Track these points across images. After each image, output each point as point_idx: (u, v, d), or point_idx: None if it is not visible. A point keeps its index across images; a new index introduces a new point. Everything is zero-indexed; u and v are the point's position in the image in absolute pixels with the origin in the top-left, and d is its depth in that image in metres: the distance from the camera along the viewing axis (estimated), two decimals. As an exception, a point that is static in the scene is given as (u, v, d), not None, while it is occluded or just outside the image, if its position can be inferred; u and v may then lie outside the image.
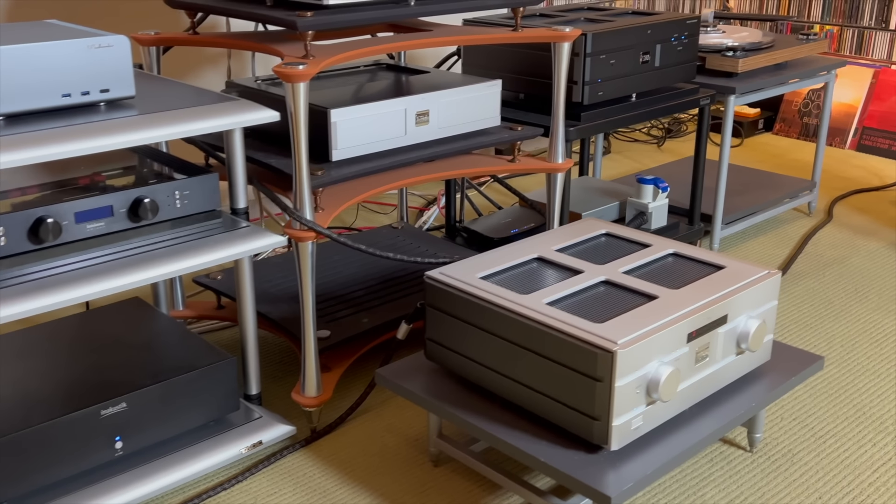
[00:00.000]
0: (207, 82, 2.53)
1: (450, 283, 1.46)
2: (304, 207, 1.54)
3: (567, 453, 1.31)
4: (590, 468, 1.28)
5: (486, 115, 1.88)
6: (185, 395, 1.53)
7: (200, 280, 2.00)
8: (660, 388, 1.29)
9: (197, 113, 1.41)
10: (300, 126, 1.49)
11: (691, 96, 2.33)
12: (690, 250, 1.59)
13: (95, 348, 1.61)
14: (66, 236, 1.34)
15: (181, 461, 1.53)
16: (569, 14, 2.31)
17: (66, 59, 1.32)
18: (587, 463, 1.29)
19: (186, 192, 1.46)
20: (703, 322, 1.37)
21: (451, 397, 1.47)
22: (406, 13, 1.67)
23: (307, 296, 1.60)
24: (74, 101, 1.34)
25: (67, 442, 1.42)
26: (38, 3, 2.19)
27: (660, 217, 2.42)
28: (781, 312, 2.22)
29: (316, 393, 1.67)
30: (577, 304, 1.39)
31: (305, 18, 1.51)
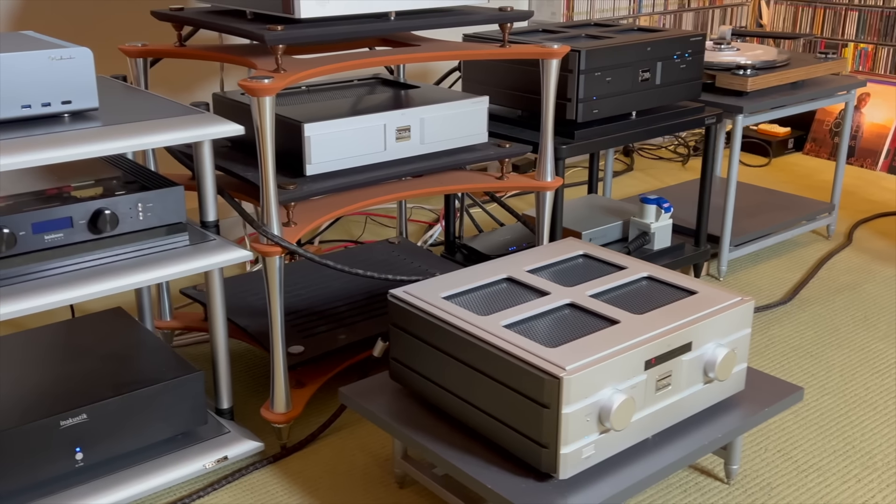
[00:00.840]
0: (202, 95, 2.55)
1: (412, 302, 1.44)
2: (272, 222, 1.53)
3: (516, 481, 1.28)
4: (535, 497, 1.24)
5: (473, 131, 1.85)
6: (148, 407, 1.53)
7: (186, 291, 2.00)
8: (611, 417, 1.25)
9: (159, 125, 1.41)
10: (266, 140, 1.49)
11: (696, 115, 2.28)
12: (665, 274, 1.54)
13: (65, 358, 1.62)
14: (22, 247, 1.35)
15: (142, 474, 1.53)
16: (571, 30, 2.27)
17: (26, 70, 1.33)
18: (534, 491, 1.25)
19: (150, 204, 1.46)
20: (662, 349, 1.32)
21: (410, 419, 1.44)
22: (385, 28, 1.65)
23: (275, 311, 1.59)
24: (35, 113, 1.35)
25: (25, 451, 1.42)
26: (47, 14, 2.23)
27: (663, 238, 2.36)
28: (783, 339, 2.15)
29: (285, 409, 1.66)
30: (534, 327, 1.36)
31: (275, 32, 1.51)
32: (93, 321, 1.78)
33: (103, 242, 1.43)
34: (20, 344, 1.68)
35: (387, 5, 1.64)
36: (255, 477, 1.61)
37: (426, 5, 1.69)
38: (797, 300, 2.37)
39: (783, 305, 2.34)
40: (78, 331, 1.73)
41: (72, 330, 1.74)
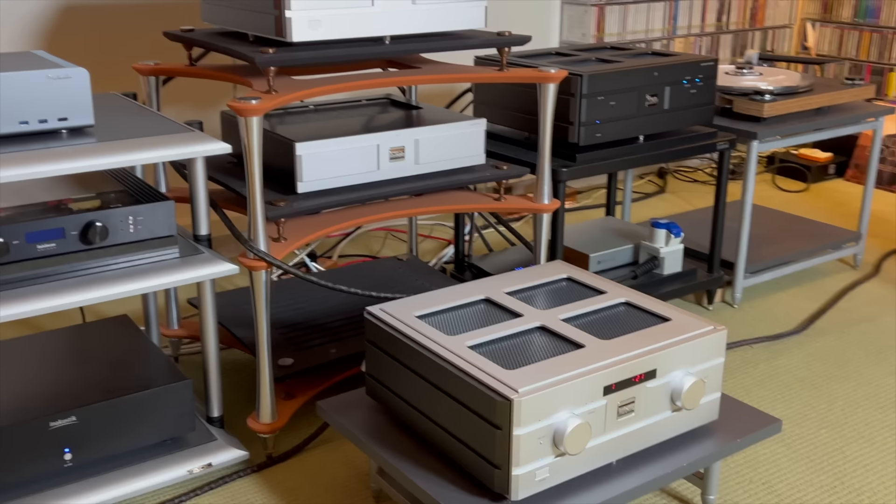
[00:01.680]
0: (216, 112, 2.62)
1: (385, 319, 1.47)
2: (258, 237, 1.58)
3: (471, 500, 1.30)
4: (487, 517, 1.26)
5: (469, 153, 1.88)
6: (137, 412, 1.59)
7: (194, 301, 2.07)
8: (565, 441, 1.26)
9: (149, 142, 1.48)
10: (253, 158, 1.54)
11: (707, 140, 2.27)
12: (644, 300, 1.54)
13: (64, 361, 1.69)
14: (15, 255, 1.42)
15: (128, 476, 1.58)
16: (584, 53, 2.29)
17: (23, 88, 1.40)
18: (486, 512, 1.27)
19: (140, 217, 1.52)
20: (623, 375, 1.33)
21: (379, 434, 1.47)
22: (380, 52, 1.70)
23: (261, 324, 1.64)
24: (32, 129, 1.43)
25: (16, 449, 1.49)
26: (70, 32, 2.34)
27: (673, 262, 2.35)
28: (789, 369, 2.12)
29: (270, 420, 1.70)
30: (499, 349, 1.38)
31: (266, 55, 1.56)
32: (97, 328, 1.85)
33: (95, 253, 1.50)
34: (24, 347, 1.76)
35: (380, 30, 1.68)
36: (238, 485, 1.66)
37: (420, 30, 1.72)
38: (811, 330, 2.33)
39: (795, 335, 2.30)
40: (81, 336, 1.81)
41: (75, 335, 1.81)
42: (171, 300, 2.06)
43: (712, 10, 3.69)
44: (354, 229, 2.88)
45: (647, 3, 3.45)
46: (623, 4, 3.37)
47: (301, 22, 1.58)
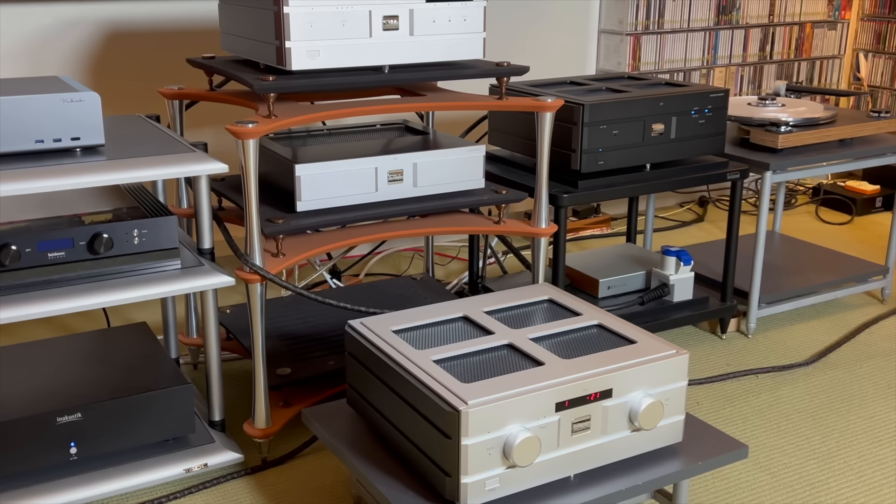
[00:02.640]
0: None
1: (363, 332, 1.55)
2: (254, 252, 1.69)
3: (425, 506, 1.36)
4: (436, 522, 1.32)
5: (468, 177, 1.95)
6: (139, 413, 1.70)
7: (212, 312, 2.18)
8: (513, 453, 1.32)
9: (153, 161, 1.60)
10: (250, 179, 1.65)
11: (717, 170, 2.29)
12: (616, 323, 1.59)
13: (78, 362, 1.82)
14: (26, 262, 1.55)
15: (128, 472, 1.70)
16: (597, 83, 2.34)
17: (40, 110, 1.54)
18: (436, 517, 1.33)
19: (144, 230, 1.64)
20: (576, 393, 1.38)
21: (352, 441, 1.55)
22: (378, 81, 1.79)
23: (257, 333, 1.74)
24: (47, 147, 1.57)
25: (25, 441, 1.62)
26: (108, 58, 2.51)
27: (684, 290, 2.38)
28: (790, 401, 2.12)
29: (265, 426, 1.80)
30: (462, 363, 1.45)
31: (266, 82, 1.67)
32: (116, 333, 1.98)
33: (101, 262, 1.62)
34: (47, 348, 1.90)
35: (378, 59, 1.78)
36: (231, 485, 1.76)
37: (418, 60, 1.81)
38: (822, 363, 2.32)
39: (803, 367, 2.30)
40: (100, 340, 1.94)
41: (95, 339, 1.94)
42: (190, 310, 2.18)
43: (755, 40, 3.70)
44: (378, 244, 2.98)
45: (685, 33, 3.48)
46: (659, 34, 3.41)
47: (300, 52, 1.69)
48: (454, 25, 1.83)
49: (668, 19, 3.42)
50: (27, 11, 2.37)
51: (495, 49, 3.14)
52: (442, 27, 1.82)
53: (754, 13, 3.65)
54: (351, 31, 1.73)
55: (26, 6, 2.36)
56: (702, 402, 2.12)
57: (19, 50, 2.38)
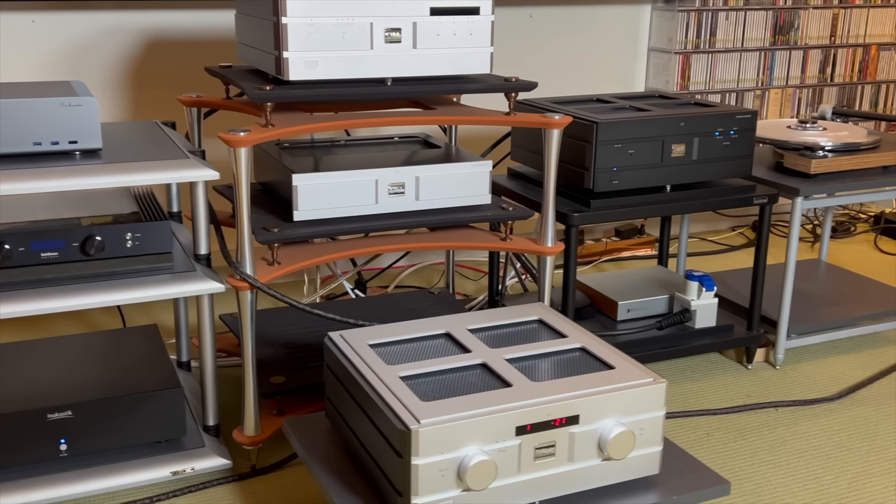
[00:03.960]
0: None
1: (339, 345, 1.54)
2: (244, 260, 1.70)
3: (380, 524, 1.34)
4: (385, 541, 1.30)
5: (474, 192, 1.93)
6: (128, 413, 1.73)
7: (223, 317, 2.21)
8: (466, 476, 1.29)
9: (147, 166, 1.63)
10: (241, 186, 1.66)
11: (744, 193, 2.21)
12: (599, 348, 1.54)
13: (79, 361, 1.87)
14: (18, 260, 1.60)
15: (116, 471, 1.72)
16: (625, 101, 2.29)
17: (38, 113, 1.59)
18: (387, 536, 1.31)
19: (138, 234, 1.67)
20: (540, 417, 1.34)
21: (324, 454, 1.54)
22: (379, 93, 1.79)
23: (247, 341, 1.75)
24: (44, 149, 1.61)
25: (16, 435, 1.66)
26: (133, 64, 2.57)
27: (706, 316, 2.30)
28: (806, 437, 2.02)
29: (253, 433, 1.81)
30: (429, 382, 1.42)
31: (263, 91, 1.68)
32: (125, 334, 2.02)
33: (93, 264, 1.66)
34: (52, 346, 1.95)
35: (380, 72, 1.77)
36: (216, 491, 1.77)
37: (422, 73, 1.80)
38: (849, 399, 2.21)
39: (828, 402, 2.19)
40: (106, 340, 1.98)
41: (102, 339, 1.99)
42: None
43: (814, 61, 3.57)
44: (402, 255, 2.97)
45: (738, 53, 3.38)
46: (711, 53, 3.32)
47: (298, 62, 1.70)
48: (459, 39, 1.81)
49: (721, 38, 3.33)
50: (68, 19, 2.45)
51: (541, 65, 3.11)
52: (447, 41, 1.80)
53: (814, 34, 3.52)
54: (351, 42, 1.73)
55: (67, 13, 2.45)
56: (713, 433, 2.04)
57: (60, 56, 2.46)
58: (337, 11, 1.70)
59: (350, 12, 1.71)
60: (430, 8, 1.77)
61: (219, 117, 2.61)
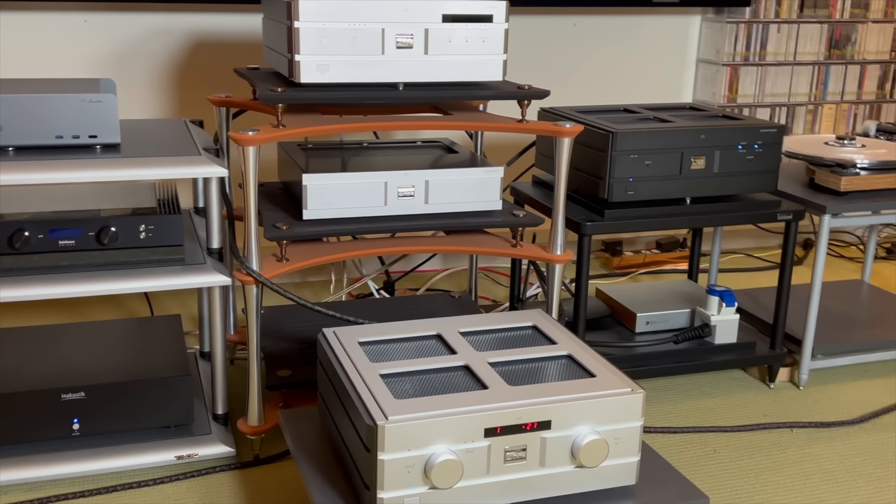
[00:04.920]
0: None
1: (329, 340, 1.59)
2: (251, 255, 1.76)
3: (350, 516, 1.38)
4: (351, 533, 1.33)
5: (484, 198, 1.95)
6: (138, 398, 1.81)
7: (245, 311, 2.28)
8: (431, 474, 1.31)
9: (159, 162, 1.70)
10: (249, 184, 1.72)
11: (768, 209, 2.18)
12: (586, 356, 1.55)
13: (99, 346, 1.95)
14: (37, 247, 1.69)
15: (123, 452, 1.80)
16: (648, 112, 2.28)
17: (61, 108, 1.68)
18: (353, 528, 1.34)
19: (151, 227, 1.75)
20: (510, 421, 1.35)
21: (312, 447, 1.58)
22: (389, 97, 1.82)
23: (252, 334, 1.81)
24: (66, 143, 1.70)
25: (32, 413, 1.75)
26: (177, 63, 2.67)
27: (727, 332, 2.27)
28: (817, 459, 1.97)
29: (257, 423, 1.86)
30: (407, 380, 1.45)
31: (274, 93, 1.74)
32: (148, 322, 2.11)
33: (107, 253, 1.74)
34: (76, 331, 2.04)
35: (391, 77, 1.81)
36: (216, 477, 1.83)
37: (433, 79, 1.83)
38: (871, 424, 2.15)
39: (847, 426, 2.14)
40: (129, 327, 2.07)
41: (125, 326, 2.08)
42: (228, 308, 2.29)
43: (872, 76, 3.47)
44: (429, 257, 2.99)
45: (790, 66, 3.31)
46: (761, 66, 3.26)
47: (309, 66, 1.75)
48: (472, 46, 1.84)
49: (772, 51, 3.27)
50: (118, 20, 2.56)
51: (584, 74, 3.11)
52: (458, 48, 1.83)
53: (872, 48, 3.42)
54: (363, 47, 1.77)
55: (118, 14, 2.56)
56: (720, 450, 2.01)
57: (108, 55, 2.57)
58: (349, 17, 1.75)
59: (362, 18, 1.75)
60: (442, 15, 1.80)
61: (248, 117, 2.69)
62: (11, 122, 1.67)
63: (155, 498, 1.75)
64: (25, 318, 2.56)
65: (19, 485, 1.76)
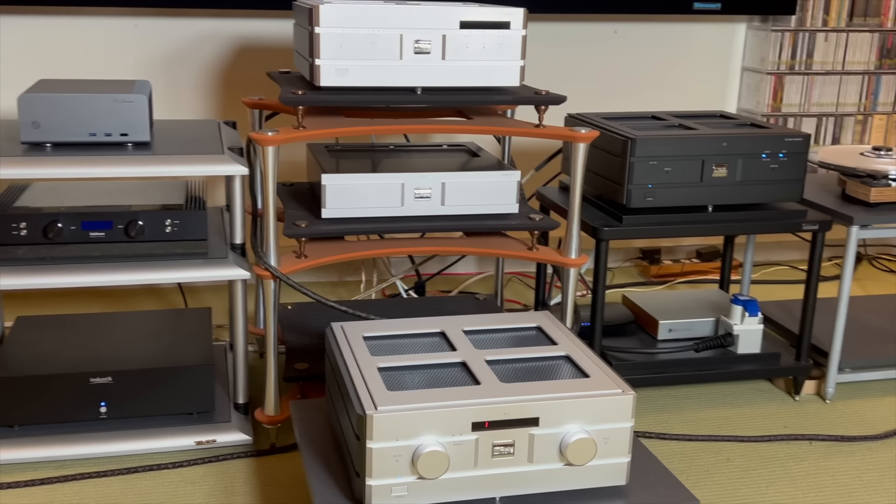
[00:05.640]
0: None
1: (336, 334, 1.64)
2: (269, 251, 1.83)
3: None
4: (341, 518, 1.38)
5: (501, 201, 1.99)
6: (161, 384, 1.89)
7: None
8: (418, 463, 1.35)
9: (184, 160, 1.79)
10: (268, 182, 1.79)
11: (793, 219, 2.16)
12: (583, 358, 1.57)
13: (129, 335, 2.05)
14: (69, 237, 1.79)
15: (146, 436, 1.89)
16: (675, 119, 2.29)
17: (94, 108, 1.78)
18: (343, 514, 1.40)
19: (177, 221, 1.83)
20: (497, 416, 1.39)
21: (317, 437, 1.64)
22: (407, 101, 1.88)
23: (269, 326, 1.88)
24: (99, 140, 1.80)
25: (63, 395, 1.85)
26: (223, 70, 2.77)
27: (750, 342, 2.26)
28: (832, 473, 1.95)
29: (273, 413, 1.93)
30: (403, 374, 1.49)
31: (294, 96, 1.81)
32: (181, 314, 2.20)
33: (135, 246, 1.83)
34: (111, 320, 2.15)
35: (409, 81, 1.86)
36: (233, 464, 1.90)
37: (451, 84, 1.88)
38: (895, 441, 2.11)
39: (869, 441, 2.10)
40: (162, 318, 2.16)
41: (157, 317, 2.17)
42: (259, 303, 2.37)
43: (926, 87, 3.39)
44: (458, 258, 3.03)
45: (838, 76, 3.26)
46: (807, 75, 3.22)
47: (329, 70, 1.81)
48: (489, 52, 1.88)
49: (819, 59, 3.23)
50: (167, 25, 2.68)
51: (625, 81, 3.11)
52: (476, 53, 1.87)
53: (926, 58, 3.34)
54: (381, 52, 1.83)
55: (167, 19, 2.67)
56: (734, 459, 2.00)
57: (157, 58, 2.69)
58: (368, 23, 1.81)
59: (381, 24, 1.81)
60: (459, 21, 1.85)
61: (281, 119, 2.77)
62: (49, 119, 1.77)
63: (172, 480, 1.83)
64: (72, 307, 2.68)
65: (48, 462, 1.86)
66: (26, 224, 1.77)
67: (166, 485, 1.81)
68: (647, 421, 2.17)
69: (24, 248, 1.79)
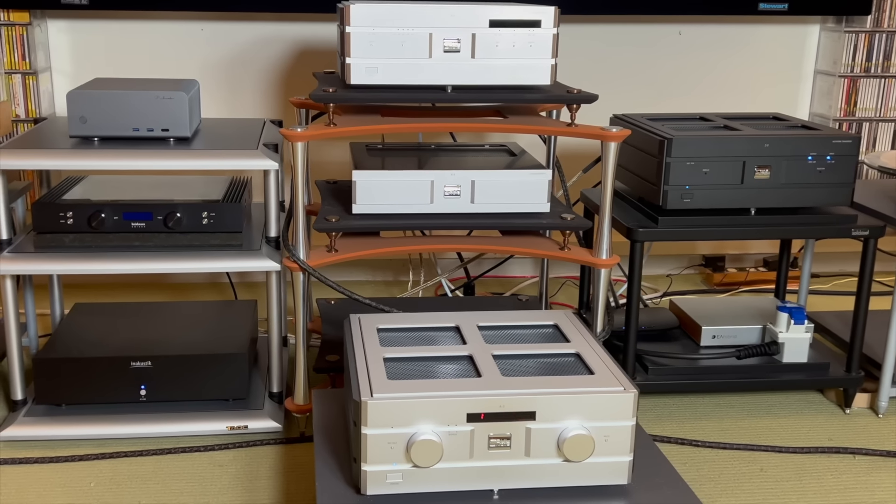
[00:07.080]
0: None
1: (352, 324, 1.68)
2: (298, 244, 1.88)
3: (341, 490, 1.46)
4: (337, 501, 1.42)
5: (531, 200, 1.99)
6: (197, 370, 1.97)
7: (321, 301, 2.42)
8: (412, 451, 1.37)
9: (220, 154, 1.86)
10: (297, 177, 1.85)
11: (842, 223, 2.09)
12: (593, 356, 1.56)
13: (175, 323, 2.14)
14: (112, 227, 1.89)
15: (182, 419, 1.97)
16: (723, 120, 2.24)
17: (138, 104, 1.87)
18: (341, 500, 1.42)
19: (213, 214, 1.91)
20: (492, 408, 1.39)
21: (334, 425, 1.68)
22: (436, 99, 1.90)
23: (299, 318, 1.93)
24: (142, 135, 1.89)
25: (105, 377, 1.95)
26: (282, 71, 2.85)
27: (796, 351, 2.20)
28: (874, 490, 1.88)
29: (303, 402, 1.98)
30: (407, 365, 1.52)
31: (325, 93, 1.86)
32: (227, 305, 2.28)
33: (173, 237, 1.91)
34: (160, 308, 2.24)
35: (439, 79, 1.89)
36: (261, 449, 1.96)
37: (480, 82, 1.90)
38: (946, 457, 2.01)
39: (917, 456, 2.01)
40: (209, 309, 2.25)
41: (205, 307, 2.26)
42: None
43: None
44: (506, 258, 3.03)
45: (917, 80, 3.12)
46: (884, 78, 3.10)
47: (359, 68, 1.86)
48: (519, 51, 1.89)
49: (896, 63, 3.10)
50: (232, 28, 2.78)
51: (692, 83, 3.06)
52: (506, 52, 1.89)
53: None
54: (411, 51, 1.86)
55: (232, 23, 2.78)
56: (768, 469, 1.95)
57: (221, 60, 2.80)
58: (398, 22, 1.84)
59: (410, 23, 1.84)
60: (489, 20, 1.86)
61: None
62: (96, 115, 1.87)
63: (202, 462, 1.90)
64: (132, 298, 2.81)
65: (90, 440, 1.95)
66: (73, 214, 1.88)
67: (195, 466, 1.88)
68: (684, 427, 2.13)
69: (71, 235, 1.89)
